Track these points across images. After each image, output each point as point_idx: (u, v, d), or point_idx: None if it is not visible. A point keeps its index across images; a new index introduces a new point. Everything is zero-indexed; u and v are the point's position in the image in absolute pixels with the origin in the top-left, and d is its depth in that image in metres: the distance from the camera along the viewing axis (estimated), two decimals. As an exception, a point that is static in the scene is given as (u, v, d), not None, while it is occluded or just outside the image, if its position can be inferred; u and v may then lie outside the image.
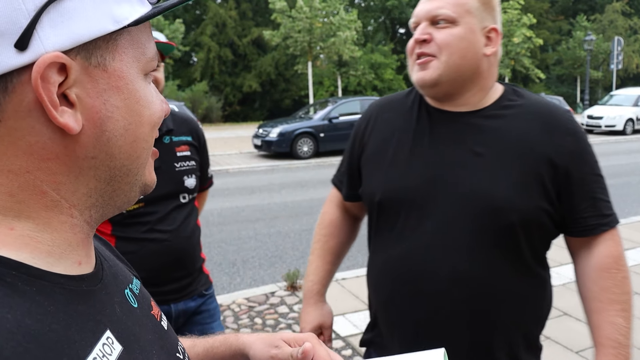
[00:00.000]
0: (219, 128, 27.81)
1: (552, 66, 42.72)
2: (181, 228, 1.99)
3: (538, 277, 1.43)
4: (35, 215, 0.54)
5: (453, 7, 1.36)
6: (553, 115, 1.41)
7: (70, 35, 0.51)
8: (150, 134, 0.61)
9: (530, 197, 1.33)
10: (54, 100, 0.50)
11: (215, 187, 11.11)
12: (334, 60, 28.51)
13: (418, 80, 1.41)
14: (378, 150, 1.53)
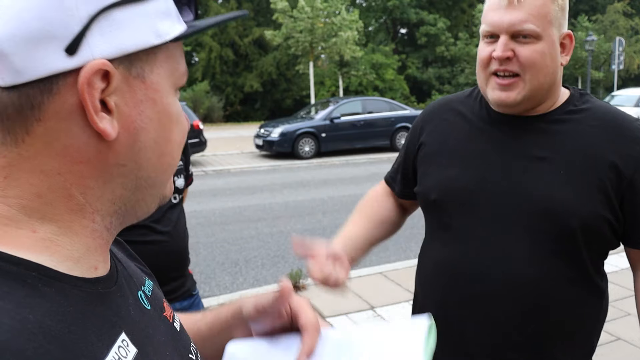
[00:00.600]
0: (220, 128, 27.82)
1: (553, 66, 42.65)
2: (176, 228, 2.02)
3: (595, 286, 1.39)
4: (59, 218, 0.54)
5: (537, 20, 1.27)
6: (620, 122, 1.36)
7: (117, 44, 0.53)
8: (177, 150, 0.63)
9: (592, 204, 1.29)
10: (96, 105, 0.52)
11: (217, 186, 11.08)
12: (336, 60, 28.50)
13: (498, 101, 1.34)
14: (436, 150, 1.50)
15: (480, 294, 1.36)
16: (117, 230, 0.63)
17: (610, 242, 1.37)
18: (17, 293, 0.47)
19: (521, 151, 1.36)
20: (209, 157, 15.43)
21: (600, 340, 3.79)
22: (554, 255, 1.32)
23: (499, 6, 1.29)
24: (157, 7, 0.57)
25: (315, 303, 4.37)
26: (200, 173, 12.60)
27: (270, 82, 37.38)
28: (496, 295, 1.34)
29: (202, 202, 9.01)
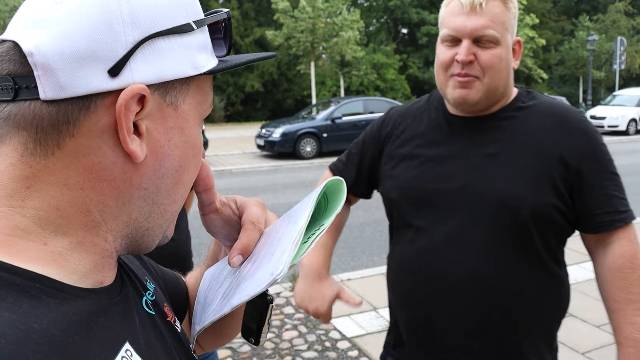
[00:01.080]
0: (221, 128, 27.82)
1: (555, 66, 42.64)
2: (177, 230, 2.00)
3: (554, 275, 1.45)
4: (72, 233, 0.55)
5: (497, 26, 1.35)
6: (564, 115, 1.43)
7: (156, 72, 0.56)
8: (190, 182, 0.65)
9: (542, 194, 1.36)
10: (130, 127, 0.54)
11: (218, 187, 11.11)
12: (337, 60, 28.50)
13: (458, 99, 1.41)
14: (396, 152, 1.57)
15: (444, 288, 1.41)
16: (123, 253, 0.63)
17: (563, 230, 1.42)
18: (22, 304, 0.48)
19: (474, 149, 1.43)
20: (210, 157, 15.43)
21: (603, 341, 3.81)
22: (511, 246, 1.37)
23: (462, 12, 1.36)
24: (197, 40, 0.60)
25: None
26: (202, 173, 12.59)
27: (271, 82, 37.38)
28: (459, 289, 1.39)
29: (203, 202, 9.00)
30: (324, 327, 3.96)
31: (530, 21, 29.89)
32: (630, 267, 1.38)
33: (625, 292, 1.38)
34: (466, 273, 1.39)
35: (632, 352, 1.35)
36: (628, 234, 1.40)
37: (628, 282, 1.38)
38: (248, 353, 3.63)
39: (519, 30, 29.42)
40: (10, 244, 0.52)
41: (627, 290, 1.38)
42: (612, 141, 18.53)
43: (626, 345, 1.36)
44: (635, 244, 1.40)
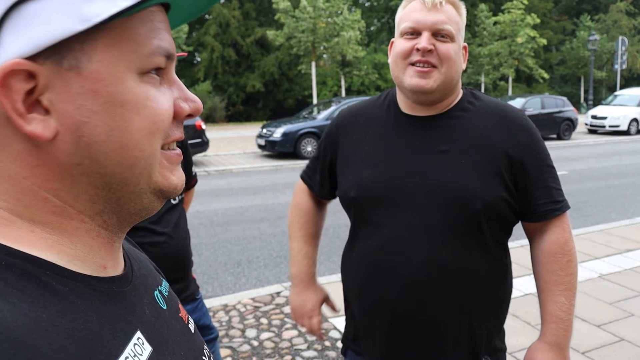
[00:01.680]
0: (222, 128, 27.84)
1: (556, 66, 42.64)
2: (176, 229, 2.00)
3: (500, 262, 1.57)
4: (47, 221, 0.54)
5: (453, 24, 1.48)
6: (508, 114, 1.55)
7: (31, 40, 0.49)
8: (147, 141, 0.56)
9: (492, 187, 1.46)
10: (18, 109, 0.49)
11: (219, 187, 11.08)
12: (338, 60, 28.51)
13: (416, 87, 1.47)
14: (351, 152, 1.65)
15: (403, 280, 1.49)
16: (120, 228, 0.61)
17: (509, 220, 1.54)
18: (32, 292, 0.48)
19: (426, 147, 1.52)
20: (211, 157, 15.44)
21: (604, 341, 3.80)
22: (465, 236, 1.47)
23: (422, 8, 1.49)
24: None
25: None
26: (203, 173, 12.60)
27: (272, 82, 37.40)
28: (418, 278, 1.47)
29: (204, 202, 9.01)
30: (324, 327, 3.95)
31: (531, 21, 29.86)
32: (561, 253, 1.54)
33: (555, 275, 1.53)
34: (424, 262, 1.46)
35: (553, 327, 1.52)
36: (562, 223, 1.55)
37: (558, 266, 1.53)
38: (248, 352, 3.63)
39: (520, 29, 29.46)
40: (3, 230, 0.51)
41: (556, 273, 1.53)
42: (613, 141, 18.53)
43: (550, 321, 1.53)
44: (567, 232, 1.56)
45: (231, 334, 3.92)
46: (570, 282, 1.53)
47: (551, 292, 1.53)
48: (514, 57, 30.70)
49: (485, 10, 32.32)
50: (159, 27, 0.57)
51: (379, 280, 1.54)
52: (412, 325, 1.51)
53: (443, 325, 1.49)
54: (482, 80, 33.35)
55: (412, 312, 1.50)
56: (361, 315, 1.63)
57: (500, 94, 36.51)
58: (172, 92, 0.60)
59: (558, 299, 1.52)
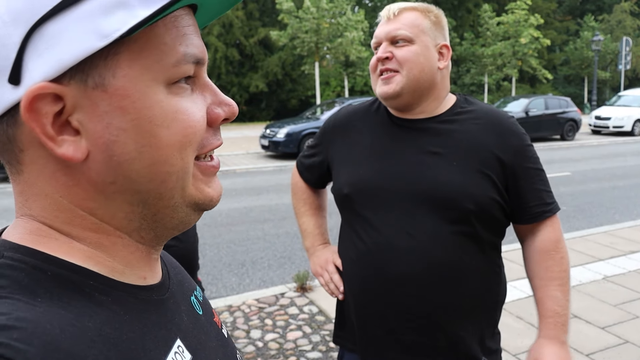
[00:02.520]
0: (226, 128, 27.84)
1: (560, 66, 42.56)
2: (185, 233, 2.01)
3: (493, 264, 1.61)
4: (84, 237, 0.54)
5: (409, 28, 1.54)
6: (499, 119, 1.60)
7: (55, 61, 0.48)
8: (178, 155, 0.54)
9: (482, 189, 1.50)
10: (48, 133, 0.49)
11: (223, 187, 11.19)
12: (341, 60, 28.47)
13: (382, 94, 1.56)
14: (346, 152, 1.70)
15: (395, 276, 1.52)
16: (159, 242, 0.60)
17: (500, 222, 1.58)
18: (76, 303, 0.48)
19: (418, 148, 1.57)
20: (214, 157, 15.43)
21: (608, 343, 3.79)
22: (457, 236, 1.50)
23: (382, 23, 1.60)
24: (94, 5, 0.48)
25: (322, 304, 4.38)
26: (206, 174, 12.61)
27: (275, 82, 37.41)
28: (410, 276, 1.50)
29: (208, 202, 9.02)
30: (328, 328, 3.96)
31: (535, 21, 29.79)
32: (554, 250, 1.59)
33: (550, 271, 1.58)
34: (416, 262, 1.50)
35: (551, 321, 1.55)
36: (553, 223, 1.61)
37: (552, 262, 1.58)
38: (252, 353, 3.64)
39: (524, 30, 29.39)
40: (44, 242, 0.52)
41: (551, 269, 1.58)
42: (617, 142, 18.49)
43: (547, 316, 1.56)
44: (558, 232, 1.61)
45: (236, 334, 3.93)
46: (564, 277, 1.58)
47: (547, 288, 1.57)
48: (518, 57, 30.65)
49: (489, 11, 32.29)
50: (186, 32, 0.55)
51: (371, 279, 1.57)
52: (404, 324, 1.54)
53: (436, 325, 1.52)
54: (485, 81, 33.31)
55: (405, 312, 1.53)
56: (355, 314, 1.65)
57: (504, 94, 36.45)
58: (204, 98, 0.58)
59: (554, 294, 1.56)
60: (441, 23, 1.62)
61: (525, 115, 17.88)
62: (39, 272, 0.49)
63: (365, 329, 1.61)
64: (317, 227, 1.91)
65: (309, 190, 1.94)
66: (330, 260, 1.78)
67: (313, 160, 1.88)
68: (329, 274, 1.76)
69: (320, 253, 1.85)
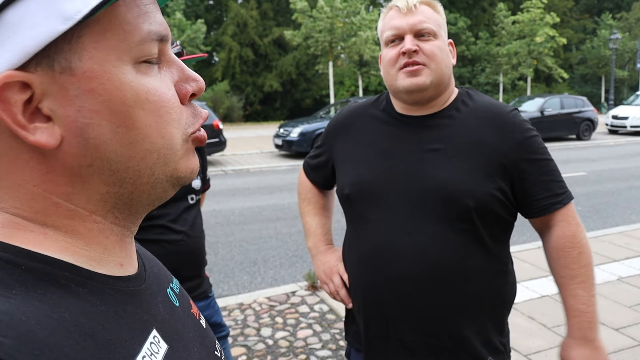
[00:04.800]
0: (240, 127, 27.95)
1: (576, 65, 42.17)
2: (193, 228, 2.04)
3: (499, 261, 1.56)
4: (60, 224, 0.54)
5: (432, 22, 1.52)
6: (500, 113, 1.56)
7: (18, 49, 0.47)
8: (157, 133, 0.55)
9: (483, 186, 1.47)
10: (19, 121, 0.49)
11: (236, 186, 11.07)
12: (355, 60, 28.48)
13: (410, 85, 1.51)
14: (348, 151, 1.69)
15: (397, 276, 1.50)
16: (132, 222, 0.61)
17: (504, 218, 1.54)
18: (52, 295, 0.48)
19: (419, 145, 1.54)
20: (228, 156, 15.51)
21: (622, 345, 3.74)
22: (457, 233, 1.48)
23: (399, 14, 1.54)
24: None
25: (332, 303, 4.38)
26: (220, 172, 12.67)
27: (289, 81, 37.47)
28: (411, 275, 1.49)
29: (221, 201, 9.06)
30: (338, 327, 3.96)
31: (551, 20, 29.55)
32: (570, 246, 1.53)
33: (568, 269, 1.53)
34: (417, 260, 1.48)
35: (577, 321, 1.52)
36: (567, 215, 1.54)
37: (569, 260, 1.53)
38: (262, 351, 3.64)
39: (539, 28, 29.16)
40: (16, 235, 0.52)
41: (569, 267, 1.53)
42: (635, 142, 18.26)
43: (572, 315, 1.53)
44: (573, 225, 1.55)
45: (246, 332, 3.94)
46: (585, 274, 1.52)
47: (568, 286, 1.53)
48: (533, 56, 30.43)
49: (504, 10, 32.10)
50: (147, 10, 0.54)
51: (372, 280, 1.55)
52: (407, 324, 1.52)
53: (439, 325, 1.50)
54: (500, 80, 33.12)
55: (408, 311, 1.51)
56: (359, 314, 1.65)
57: (519, 93, 36.19)
58: (172, 75, 0.58)
59: (576, 292, 1.51)
60: (444, 19, 1.61)
61: (541, 115, 17.74)
62: (12, 266, 0.48)
63: (369, 329, 1.60)
64: (320, 226, 1.89)
65: (314, 190, 1.92)
66: (335, 270, 1.75)
67: (319, 161, 1.86)
68: (334, 286, 1.73)
69: (324, 257, 1.82)
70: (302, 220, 1.93)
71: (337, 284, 1.72)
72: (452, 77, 1.61)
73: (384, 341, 1.57)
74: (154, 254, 2.11)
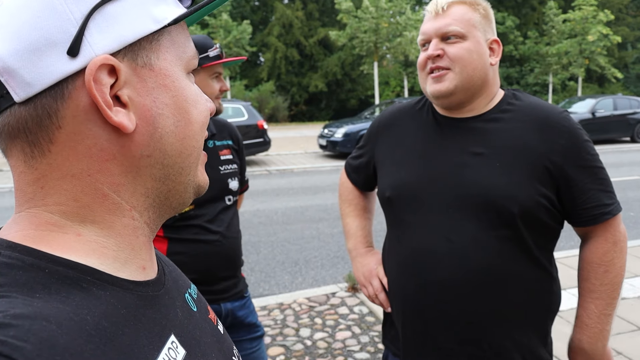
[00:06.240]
0: (285, 128, 28.14)
1: (632, 64, 40.72)
2: (229, 229, 2.06)
3: (543, 270, 1.52)
4: (100, 220, 0.56)
5: (460, 23, 1.48)
6: (548, 115, 1.50)
7: (116, 37, 0.54)
8: (200, 132, 0.63)
9: (527, 192, 1.42)
10: (108, 101, 0.53)
11: (280, 186, 11.14)
12: (401, 60, 28.30)
13: (434, 92, 1.50)
14: (390, 153, 1.68)
15: (436, 282, 1.48)
16: (157, 225, 0.64)
17: (550, 225, 1.49)
18: (74, 297, 0.50)
19: (461, 149, 1.51)
20: (272, 156, 15.64)
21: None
22: (498, 240, 1.44)
23: (429, 18, 1.53)
24: None
25: (372, 305, 4.36)
26: (264, 172, 12.79)
27: (335, 82, 37.51)
28: (451, 282, 1.46)
29: (265, 201, 9.15)
30: (378, 329, 3.94)
31: (605, 17, 28.59)
32: (598, 263, 1.51)
33: (589, 282, 1.52)
34: (457, 266, 1.45)
35: (577, 331, 1.54)
36: (610, 227, 1.50)
37: (592, 275, 1.52)
38: (301, 351, 3.66)
39: (592, 27, 28.28)
40: (48, 237, 0.54)
41: (590, 281, 1.52)
42: (692, 144, 17.50)
43: (577, 325, 1.55)
44: (610, 242, 1.50)
45: (285, 332, 3.96)
46: (604, 292, 1.50)
47: (583, 297, 1.53)
48: (585, 56, 29.53)
49: (555, 8, 31.28)
50: (188, 34, 0.64)
51: (411, 285, 1.53)
52: (445, 332, 1.49)
53: (477, 334, 1.47)
54: (549, 81, 32.29)
55: (446, 318, 1.48)
56: (397, 318, 1.63)
57: (569, 94, 35.23)
58: None
59: (588, 306, 1.51)
60: (489, 16, 1.55)
61: (592, 116, 17.22)
62: (36, 269, 0.50)
63: (407, 335, 1.58)
64: (361, 228, 1.88)
65: (355, 192, 1.91)
66: (374, 274, 1.74)
67: (360, 162, 1.84)
68: (373, 289, 1.72)
69: (363, 260, 1.81)
70: (343, 221, 1.92)
71: (376, 288, 1.71)
72: (495, 78, 1.56)
73: (422, 348, 1.55)
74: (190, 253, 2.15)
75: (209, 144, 2.09)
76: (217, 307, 2.04)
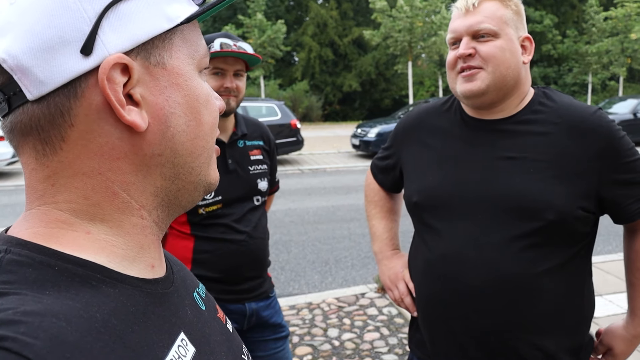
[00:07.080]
0: (318, 127, 28.18)
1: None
2: (256, 229, 2.05)
3: (576, 277, 1.47)
4: (109, 218, 0.57)
5: (493, 20, 1.43)
6: (581, 116, 1.44)
7: (129, 36, 0.54)
8: (210, 133, 0.63)
9: (565, 197, 1.37)
10: (121, 100, 0.54)
11: (312, 185, 11.17)
12: (435, 60, 28.00)
13: (465, 92, 1.45)
14: (416, 155, 1.64)
15: (463, 290, 1.44)
16: (166, 224, 0.64)
17: (583, 233, 1.44)
18: (84, 294, 0.50)
19: (492, 153, 1.46)
20: (305, 155, 15.67)
21: None
22: (530, 248, 1.39)
23: (459, 15, 1.48)
24: None
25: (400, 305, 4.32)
26: (297, 172, 12.82)
27: (369, 81, 37.42)
28: (479, 290, 1.42)
29: (296, 200, 9.17)
30: (406, 331, 3.90)
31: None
32: None
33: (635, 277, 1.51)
34: (487, 274, 1.41)
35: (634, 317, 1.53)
36: None
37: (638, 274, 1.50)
38: (328, 352, 3.65)
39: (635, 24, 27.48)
40: (57, 235, 0.54)
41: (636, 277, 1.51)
42: None
43: (633, 312, 1.53)
44: None
45: (313, 332, 3.96)
46: None
47: (637, 287, 1.52)
48: (627, 54, 28.75)
49: (595, 5, 30.54)
50: (200, 33, 0.64)
51: (438, 291, 1.50)
52: (473, 340, 1.45)
53: (507, 342, 1.42)
54: (589, 81, 31.55)
55: (473, 327, 1.44)
56: (423, 324, 1.60)
57: (610, 94, 34.37)
58: None
59: None
60: (521, 12, 1.49)
61: (633, 117, 16.75)
62: (46, 267, 0.51)
63: (434, 341, 1.55)
64: (387, 231, 1.85)
65: (381, 193, 1.87)
66: (400, 277, 1.71)
67: (387, 163, 1.81)
68: (399, 293, 1.70)
69: (389, 263, 1.78)
70: (369, 223, 1.89)
71: (402, 291, 1.69)
72: (527, 77, 1.50)
73: (449, 355, 1.52)
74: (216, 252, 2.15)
75: (239, 143, 2.08)
76: (242, 307, 2.04)
